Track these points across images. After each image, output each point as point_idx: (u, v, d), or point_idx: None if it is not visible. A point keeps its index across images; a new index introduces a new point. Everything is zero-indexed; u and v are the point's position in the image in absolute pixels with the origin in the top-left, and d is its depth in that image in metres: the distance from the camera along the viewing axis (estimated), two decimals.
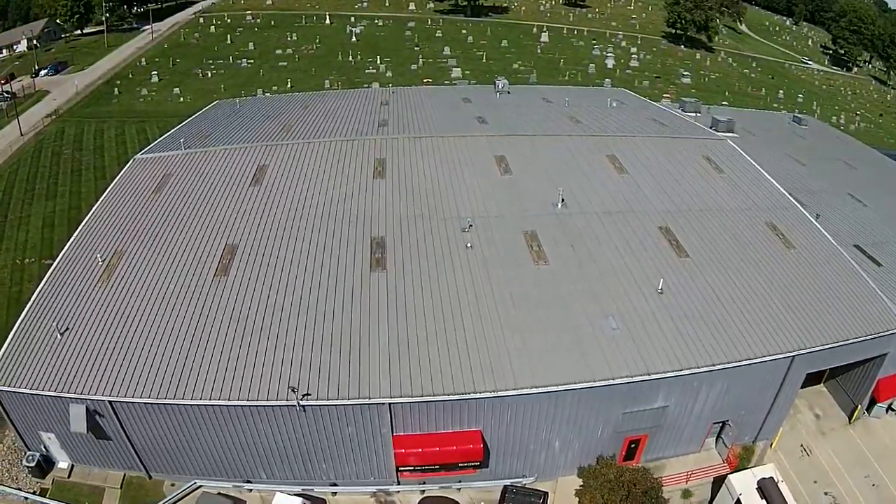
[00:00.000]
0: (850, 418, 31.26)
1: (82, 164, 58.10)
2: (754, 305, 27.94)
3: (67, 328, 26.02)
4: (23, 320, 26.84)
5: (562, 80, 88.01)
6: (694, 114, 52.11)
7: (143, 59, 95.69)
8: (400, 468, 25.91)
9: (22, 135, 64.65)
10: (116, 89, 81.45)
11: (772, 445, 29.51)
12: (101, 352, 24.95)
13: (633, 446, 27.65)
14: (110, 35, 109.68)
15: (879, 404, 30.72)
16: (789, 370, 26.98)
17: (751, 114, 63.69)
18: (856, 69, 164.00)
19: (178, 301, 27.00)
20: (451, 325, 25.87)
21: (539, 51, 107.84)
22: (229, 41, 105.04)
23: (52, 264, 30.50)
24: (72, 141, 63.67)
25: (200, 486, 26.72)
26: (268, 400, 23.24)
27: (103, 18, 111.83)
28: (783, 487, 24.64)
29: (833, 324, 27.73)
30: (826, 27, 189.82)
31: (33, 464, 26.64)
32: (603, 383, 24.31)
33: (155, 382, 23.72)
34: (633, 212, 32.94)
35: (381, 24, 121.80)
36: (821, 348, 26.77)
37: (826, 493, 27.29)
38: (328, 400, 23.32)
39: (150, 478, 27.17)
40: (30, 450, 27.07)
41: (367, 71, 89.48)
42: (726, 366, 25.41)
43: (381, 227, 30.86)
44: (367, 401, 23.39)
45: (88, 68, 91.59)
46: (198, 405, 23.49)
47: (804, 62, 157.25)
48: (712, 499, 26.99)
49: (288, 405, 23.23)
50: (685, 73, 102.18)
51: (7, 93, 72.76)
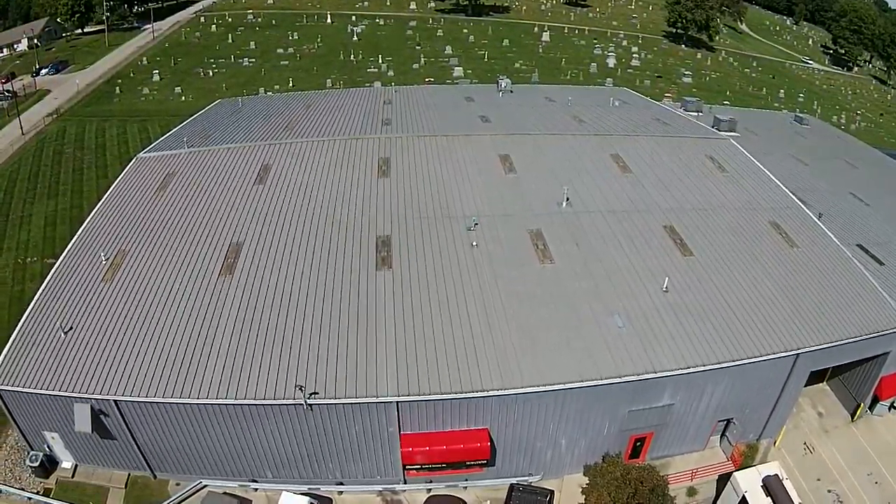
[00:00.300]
0: (852, 416, 31.34)
1: (84, 162, 57.94)
2: (759, 304, 28.00)
3: (71, 327, 25.94)
4: (26, 319, 26.74)
5: (563, 79, 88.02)
6: (696, 113, 52.13)
7: (145, 59, 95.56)
8: (407, 467, 25.89)
9: (23, 134, 64.52)
10: (118, 88, 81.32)
11: (776, 443, 29.59)
12: (105, 351, 24.86)
13: (638, 444, 27.70)
14: (111, 34, 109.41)
15: (882, 402, 30.85)
16: (793, 368, 27.05)
17: (752, 113, 63.71)
18: (856, 69, 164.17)
19: (183, 299, 26.94)
20: (458, 324, 25.88)
21: (540, 50, 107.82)
22: (230, 40, 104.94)
23: (54, 263, 30.36)
24: (73, 140, 63.48)
25: (206, 486, 26.64)
26: (274, 399, 23.19)
27: (104, 17, 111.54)
28: (788, 485, 24.72)
29: (836, 322, 27.78)
30: (826, 27, 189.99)
31: (37, 464, 26.47)
32: (609, 381, 24.32)
33: (160, 381, 23.62)
34: (638, 211, 32.99)
35: (382, 23, 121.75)
36: (825, 346, 26.82)
37: (829, 491, 27.38)
38: (335, 398, 23.28)
39: (155, 477, 27.09)
40: (33, 449, 26.90)
41: (368, 70, 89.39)
42: (731, 364, 25.45)
43: (387, 226, 30.87)
44: (374, 399, 23.35)
45: (89, 67, 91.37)
46: (203, 404, 23.41)
47: (805, 62, 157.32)
48: (717, 496, 27.07)
49: (295, 404, 23.18)
50: (686, 73, 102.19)
51: (8, 92, 72.42)
